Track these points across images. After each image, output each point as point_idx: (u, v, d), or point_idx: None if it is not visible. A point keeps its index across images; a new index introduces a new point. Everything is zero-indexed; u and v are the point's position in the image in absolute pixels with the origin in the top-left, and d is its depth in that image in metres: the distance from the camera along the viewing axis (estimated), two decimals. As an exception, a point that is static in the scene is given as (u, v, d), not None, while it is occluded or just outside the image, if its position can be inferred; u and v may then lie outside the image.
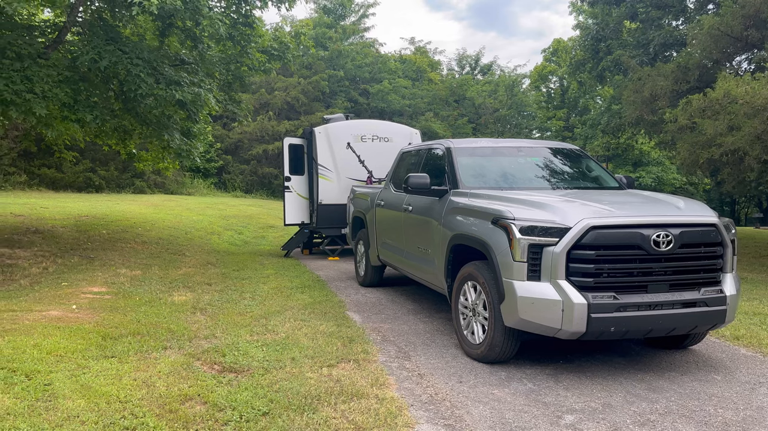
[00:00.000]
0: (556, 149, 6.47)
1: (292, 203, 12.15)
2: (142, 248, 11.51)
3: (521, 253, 4.33)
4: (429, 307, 7.01)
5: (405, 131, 12.44)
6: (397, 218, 6.94)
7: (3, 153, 21.72)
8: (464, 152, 6.08)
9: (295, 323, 6.05)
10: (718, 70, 10.86)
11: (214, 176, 31.59)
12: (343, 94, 35.74)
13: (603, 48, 15.85)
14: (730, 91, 8.40)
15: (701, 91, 11.37)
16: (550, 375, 4.58)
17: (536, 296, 4.27)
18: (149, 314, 6.12)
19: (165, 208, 19.61)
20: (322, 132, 11.82)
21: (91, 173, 24.15)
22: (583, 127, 43.63)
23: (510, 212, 4.51)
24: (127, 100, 9.40)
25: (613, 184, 6.05)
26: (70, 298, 6.71)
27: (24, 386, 3.86)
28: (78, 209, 16.96)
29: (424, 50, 45.43)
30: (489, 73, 48.46)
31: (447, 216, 5.46)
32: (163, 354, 4.87)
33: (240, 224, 17.80)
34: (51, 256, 9.63)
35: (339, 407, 3.82)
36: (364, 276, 8.39)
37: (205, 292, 7.69)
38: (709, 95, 8.84)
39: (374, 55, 38.98)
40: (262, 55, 11.68)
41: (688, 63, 11.56)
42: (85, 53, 8.27)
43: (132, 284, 7.83)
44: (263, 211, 22.14)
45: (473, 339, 4.96)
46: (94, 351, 4.73)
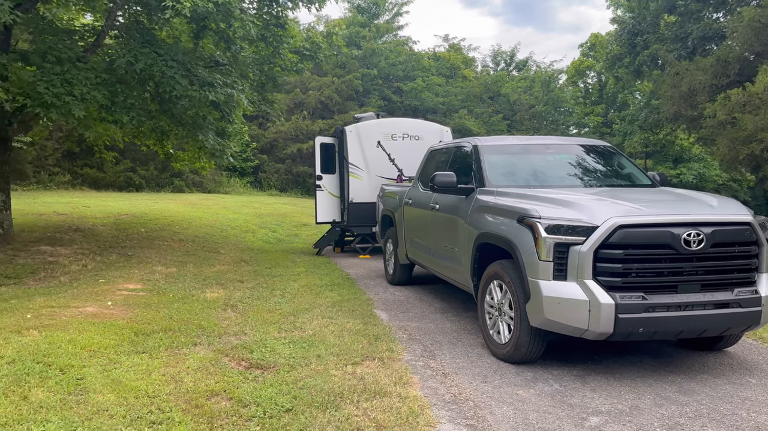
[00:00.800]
0: (586, 146, 6.36)
1: (324, 201, 12.24)
2: (179, 246, 11.75)
3: (547, 252, 4.27)
4: (457, 306, 6.98)
5: (435, 128, 12.39)
6: (424, 216, 6.93)
7: (48, 154, 22.44)
8: (492, 149, 6.03)
9: (323, 320, 6.10)
10: (760, 63, 10.50)
11: (250, 174, 32.03)
12: (377, 92, 35.78)
13: (640, 42, 15.51)
14: (772, 84, 8.13)
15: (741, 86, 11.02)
16: (577, 376, 4.51)
17: (562, 296, 4.21)
18: (181, 311, 6.25)
19: (202, 206, 19.98)
20: (353, 131, 11.87)
21: (131, 172, 24.75)
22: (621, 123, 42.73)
23: (536, 211, 4.45)
24: (163, 101, 9.62)
25: (646, 181, 5.91)
26: (106, 295, 6.90)
27: (57, 380, 3.99)
28: (118, 207, 17.43)
29: (459, 47, 45.13)
30: (525, 69, 47.85)
31: (473, 215, 5.43)
32: (193, 350, 4.97)
33: (274, 223, 18.02)
34: (90, 254, 9.92)
35: (361, 405, 3.84)
36: (392, 274, 8.40)
37: (236, 289, 7.81)
38: (748, 89, 8.57)
39: (408, 53, 38.92)
40: (294, 55, 11.80)
41: (727, 56, 11.22)
42: (121, 56, 8.49)
43: (166, 282, 8.01)
44: (297, 209, 22.37)
45: (499, 338, 4.92)
46: (126, 346, 4.86)
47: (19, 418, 3.36)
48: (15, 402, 3.59)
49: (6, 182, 9.97)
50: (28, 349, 4.55)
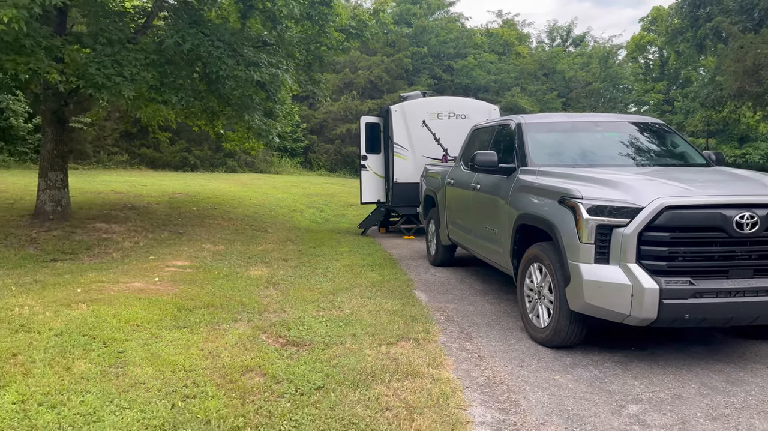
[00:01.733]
0: (637, 123, 6.09)
1: (369, 181, 12.23)
2: (228, 225, 11.99)
3: (588, 234, 4.12)
4: (498, 288, 6.86)
5: (483, 107, 12.14)
6: (466, 196, 6.81)
7: (106, 134, 23.24)
8: (536, 127, 5.84)
9: (361, 300, 6.10)
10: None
11: (301, 155, 32.34)
12: (427, 71, 35.38)
13: (702, 15, 14.73)
14: None
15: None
16: (618, 362, 4.36)
17: (603, 279, 4.05)
18: (225, 288, 6.37)
19: (253, 186, 20.33)
20: (398, 110, 11.76)
21: (186, 152, 25.38)
22: (684, 100, 40.94)
23: (578, 191, 4.29)
24: (210, 81, 9.74)
25: (700, 161, 5.62)
26: (154, 271, 7.10)
27: (100, 352, 4.13)
28: (173, 186, 17.93)
29: (513, 23, 44.03)
30: (582, 45, 46.36)
31: (514, 195, 5.29)
32: (233, 326, 5.05)
33: (322, 203, 18.16)
34: (143, 231, 10.24)
35: (392, 385, 3.82)
36: (434, 255, 8.33)
37: (280, 267, 7.91)
38: None
39: (459, 30, 38.24)
40: (339, 34, 11.75)
41: (799, 28, 10.51)
42: (169, 37, 8.62)
43: (213, 259, 8.18)
44: (345, 189, 22.46)
45: (538, 322, 4.80)
46: (168, 321, 4.99)
47: (60, 388, 3.49)
48: (58, 372, 3.73)
49: (64, 161, 10.35)
50: (76, 322, 4.73)
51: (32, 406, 3.26)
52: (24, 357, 3.94)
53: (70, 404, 3.30)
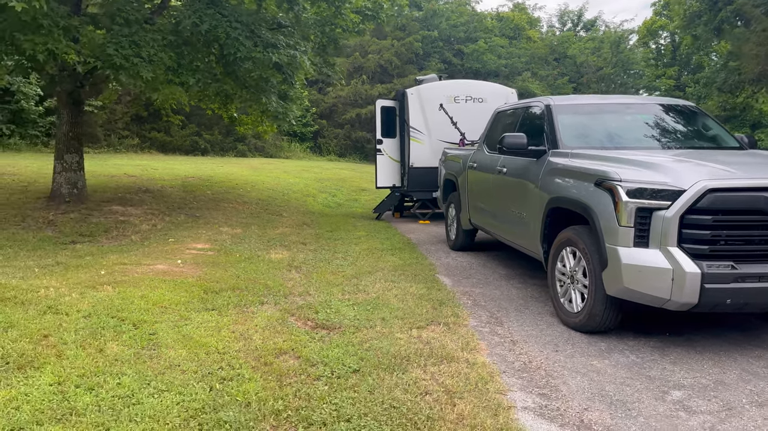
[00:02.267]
0: (668, 105, 5.96)
1: (384, 165, 12.13)
2: (243, 208, 11.94)
3: (628, 217, 4.03)
4: (522, 273, 6.78)
5: (500, 90, 12.00)
6: (490, 180, 6.72)
7: (117, 118, 23.17)
8: (565, 109, 5.73)
9: (386, 284, 6.05)
10: None
11: (310, 140, 32.21)
12: (437, 55, 35.05)
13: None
14: None
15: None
16: (655, 348, 4.29)
17: (644, 263, 3.97)
18: (248, 271, 6.33)
19: (264, 170, 20.27)
20: (414, 94, 11.63)
21: (197, 136, 25.31)
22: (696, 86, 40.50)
23: (616, 173, 4.19)
24: (227, 63, 9.63)
25: (733, 143, 5.51)
26: (176, 253, 7.06)
27: (131, 335, 4.09)
28: (185, 170, 17.87)
29: (523, 7, 43.57)
30: (593, 30, 45.82)
31: (545, 178, 5.20)
32: (260, 308, 5.01)
33: (334, 187, 18.09)
34: (160, 214, 10.20)
35: (429, 369, 3.77)
36: (455, 240, 8.25)
37: (300, 251, 7.86)
38: None
39: (470, 13, 37.85)
40: (355, 15, 11.59)
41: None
42: (186, 17, 8.51)
43: (233, 242, 8.14)
44: (356, 174, 22.39)
45: (570, 307, 4.73)
46: (196, 303, 4.94)
47: (96, 370, 3.45)
48: (92, 354, 3.69)
49: (79, 143, 10.30)
50: (103, 304, 4.69)
51: (69, 388, 3.22)
52: (55, 338, 3.90)
53: (107, 386, 3.26)
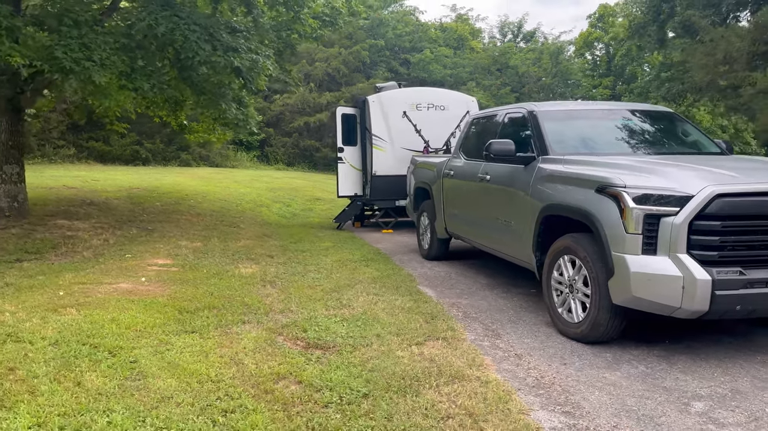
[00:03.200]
0: (647, 111, 5.98)
1: (346, 174, 11.86)
2: (197, 220, 11.42)
3: (635, 224, 3.93)
4: (504, 282, 6.66)
5: (461, 98, 11.98)
6: (470, 188, 6.58)
7: (52, 126, 21.94)
8: (550, 115, 5.65)
9: (368, 297, 5.79)
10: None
11: (257, 148, 31.51)
12: (384, 64, 35.07)
13: (665, 9, 14.99)
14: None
15: (784, 52, 10.59)
16: (660, 357, 4.21)
17: (653, 271, 3.87)
18: (220, 287, 5.94)
19: (213, 180, 19.60)
20: (376, 101, 11.43)
21: (137, 146, 24.28)
22: (630, 95, 42.21)
23: (620, 179, 4.10)
24: (183, 68, 9.18)
25: (714, 149, 5.56)
26: (136, 270, 6.58)
27: (109, 363, 3.68)
28: (128, 181, 17.05)
29: (466, 18, 44.25)
30: (532, 41, 47.04)
31: (536, 185, 5.07)
32: (243, 328, 4.66)
33: (287, 197, 17.67)
34: (110, 227, 9.58)
35: (442, 389, 3.54)
36: (428, 249, 8.07)
37: (269, 264, 7.49)
38: None
39: (414, 23, 38.11)
40: (314, 21, 11.33)
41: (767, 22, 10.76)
42: (141, 19, 8.04)
43: (196, 257, 7.68)
44: (308, 183, 22.00)
45: (570, 317, 4.60)
46: (173, 325, 4.55)
47: (79, 407, 3.05)
48: (70, 388, 3.28)
49: (20, 153, 9.59)
50: (70, 329, 4.24)
51: (52, 430, 2.82)
52: (23, 371, 3.46)
53: (96, 426, 2.87)
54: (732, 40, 10.92)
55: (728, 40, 10.96)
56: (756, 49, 10.81)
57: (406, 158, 11.14)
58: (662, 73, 42.63)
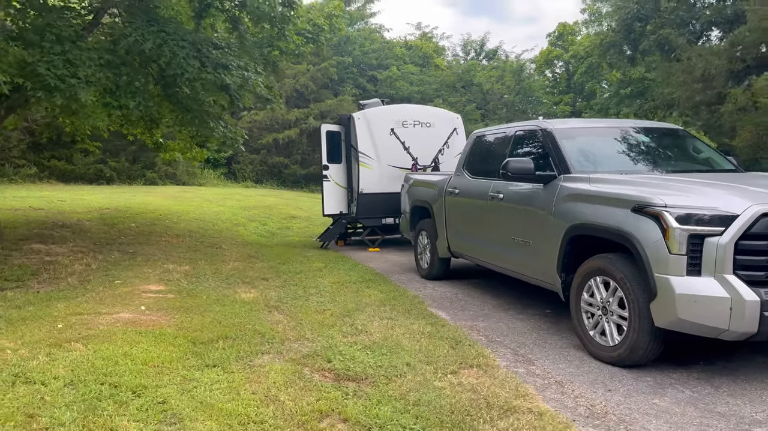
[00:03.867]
0: (658, 128, 5.98)
1: (331, 192, 11.65)
2: (178, 242, 11.00)
3: (679, 245, 3.85)
4: (513, 302, 6.54)
5: (446, 115, 11.93)
6: (478, 206, 6.46)
7: (12, 145, 21.07)
8: (567, 133, 5.58)
9: (383, 322, 5.58)
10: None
11: (224, 166, 30.97)
12: (351, 81, 35.07)
13: (637, 28, 15.34)
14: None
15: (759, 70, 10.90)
16: (702, 380, 4.12)
17: (699, 293, 3.80)
18: (226, 314, 5.63)
19: (183, 199, 19.08)
20: (362, 118, 11.28)
21: (102, 164, 23.52)
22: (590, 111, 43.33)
23: (660, 199, 4.03)
24: (167, 85, 8.86)
25: (729, 166, 5.58)
26: (132, 298, 6.21)
27: (137, 405, 3.37)
28: (96, 201, 16.43)
29: (430, 36, 44.74)
30: (495, 59, 47.81)
31: (560, 204, 4.98)
32: (265, 360, 4.39)
33: (262, 215, 17.29)
34: (89, 251, 9.11)
35: (498, 424, 3.36)
36: (428, 269, 7.91)
37: (267, 288, 7.20)
38: None
39: (381, 41, 38.31)
40: (298, 37, 11.13)
41: (743, 41, 11.08)
42: (128, 35, 7.71)
43: (189, 282, 7.33)
44: (281, 201, 21.63)
45: (604, 340, 4.49)
46: (191, 359, 4.25)
47: (120, 459, 2.76)
48: (103, 436, 2.98)
49: (-8, 174, 9.05)
50: (83, 367, 3.91)
51: (94, 488, 2.53)
52: (46, 419, 3.13)
53: (146, 481, 2.59)
54: (710, 59, 11.19)
55: (706, 58, 11.22)
56: (733, 66, 11.10)
57: (393, 176, 11.07)
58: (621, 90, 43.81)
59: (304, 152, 31.15)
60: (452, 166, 11.34)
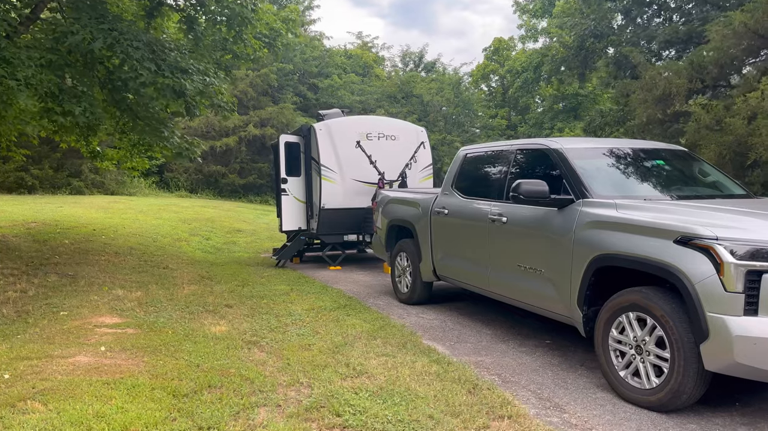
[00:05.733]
0: (668, 150, 5.73)
1: (290, 207, 10.96)
2: (120, 261, 10.01)
3: (736, 282, 3.52)
4: (509, 331, 6.13)
5: (411, 128, 11.51)
6: (474, 229, 6.01)
7: None
8: (577, 153, 5.21)
9: (380, 359, 5.03)
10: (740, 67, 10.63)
11: (155, 174, 29.36)
12: (291, 88, 34.25)
13: (589, 45, 15.51)
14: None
15: (716, 90, 11.07)
16: (747, 425, 3.81)
17: (759, 335, 3.47)
18: (202, 355, 4.92)
19: (115, 211, 17.79)
20: (323, 129, 10.67)
21: (22, 172, 21.70)
22: (525, 125, 44.36)
23: (709, 230, 3.69)
24: (116, 89, 7.98)
25: (741, 191, 5.38)
26: (85, 334, 5.37)
27: (130, 494, 2.68)
28: (20, 213, 15.00)
29: (370, 46, 44.53)
30: (434, 71, 48.14)
31: (582, 231, 4.59)
32: (263, 416, 3.75)
33: (204, 229, 16.31)
34: (21, 274, 8.07)
35: (567, 497, 2.88)
36: (409, 293, 7.40)
37: (235, 318, 6.48)
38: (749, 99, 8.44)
39: (322, 48, 37.69)
40: (257, 41, 10.44)
41: (702, 61, 11.26)
42: (74, 33, 6.84)
43: (145, 312, 6.51)
44: (221, 213, 20.58)
45: (639, 382, 4.12)
46: (180, 420, 3.55)
47: None
48: None
49: None
50: (47, 437, 3.15)
51: None
52: None
53: None
54: (670, 78, 11.29)
55: (667, 78, 11.32)
56: (693, 86, 11.25)
57: (358, 191, 10.53)
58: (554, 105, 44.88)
59: (243, 160, 30.06)
60: (416, 181, 10.96)
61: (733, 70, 11.10)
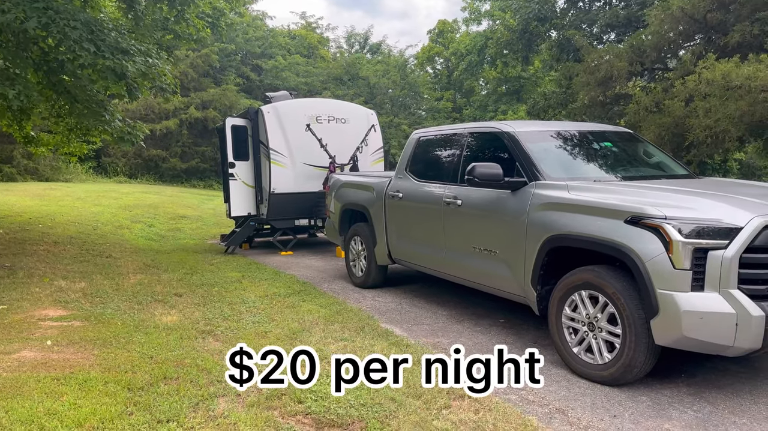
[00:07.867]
0: (616, 132, 5.88)
1: (238, 192, 10.75)
2: (60, 251, 9.61)
3: (684, 259, 3.67)
4: (463, 312, 6.22)
5: (361, 111, 11.44)
6: (429, 212, 6.05)
7: None
8: (529, 137, 5.29)
9: (338, 344, 5.02)
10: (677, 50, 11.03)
11: (92, 159, 28.21)
12: (234, 69, 33.46)
13: (534, 28, 15.75)
14: (729, 73, 8.34)
15: (653, 72, 11.46)
16: (696, 396, 4.00)
17: (705, 309, 3.63)
18: (155, 346, 4.78)
19: (52, 198, 17.06)
20: (272, 112, 10.48)
21: (-53, 157, 20.49)
22: (470, 108, 44.82)
23: (658, 210, 3.82)
24: (52, 71, 7.58)
25: (684, 171, 5.59)
26: (29, 328, 5.14)
27: (90, 494, 2.59)
28: (-54, 202, 14.19)
29: (315, 26, 43.87)
30: (379, 53, 47.91)
31: (534, 213, 4.68)
32: (223, 406, 3.68)
33: (147, 215, 15.83)
34: (-47, 267, 7.64)
35: (530, 473, 2.96)
36: (364, 277, 7.40)
37: (187, 307, 6.33)
38: (704, 75, 8.75)
39: (265, 28, 36.91)
40: (200, 21, 10.11)
41: (642, 44, 11.61)
42: (5, 11, 6.44)
43: (91, 303, 6.28)
44: (164, 199, 20.00)
45: (591, 358, 4.26)
46: (137, 414, 3.44)
47: None
48: None
49: None
50: (-5, 439, 3.01)
51: None
52: None
53: None
54: (612, 61, 11.60)
55: (610, 61, 11.62)
56: (633, 69, 11.60)
57: (308, 175, 10.44)
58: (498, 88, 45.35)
59: (184, 144, 29.23)
60: (368, 165, 10.93)
61: (671, 54, 11.49)
